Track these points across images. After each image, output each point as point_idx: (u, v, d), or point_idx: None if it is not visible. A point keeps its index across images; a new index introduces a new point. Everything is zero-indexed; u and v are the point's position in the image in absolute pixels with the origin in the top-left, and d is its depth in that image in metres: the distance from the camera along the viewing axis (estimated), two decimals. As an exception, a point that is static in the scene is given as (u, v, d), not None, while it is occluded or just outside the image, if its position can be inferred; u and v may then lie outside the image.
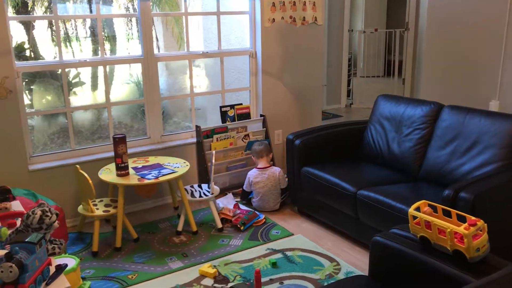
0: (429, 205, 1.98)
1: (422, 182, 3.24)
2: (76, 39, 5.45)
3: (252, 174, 3.83)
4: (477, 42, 4.90)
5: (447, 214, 1.95)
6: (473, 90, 4.97)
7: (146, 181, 3.18)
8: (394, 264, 2.00)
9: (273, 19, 4.21)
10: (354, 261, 3.05)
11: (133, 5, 5.02)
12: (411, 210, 1.95)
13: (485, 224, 1.81)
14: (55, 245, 2.01)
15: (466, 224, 1.78)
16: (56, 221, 1.90)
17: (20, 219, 2.21)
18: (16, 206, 2.40)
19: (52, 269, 1.76)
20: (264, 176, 3.78)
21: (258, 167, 3.86)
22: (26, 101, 3.66)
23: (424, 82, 5.40)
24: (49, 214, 1.87)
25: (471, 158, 3.00)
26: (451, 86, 5.11)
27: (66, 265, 1.80)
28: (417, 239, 1.95)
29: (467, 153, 3.04)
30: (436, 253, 1.86)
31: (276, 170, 3.83)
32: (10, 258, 1.57)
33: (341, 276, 2.87)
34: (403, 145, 3.41)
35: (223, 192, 4.08)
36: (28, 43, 4.86)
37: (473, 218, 1.81)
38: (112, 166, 3.40)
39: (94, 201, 3.35)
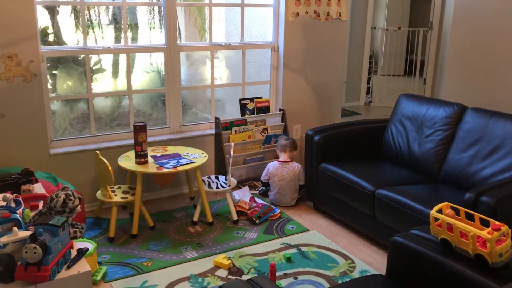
0: (452, 208, 1.96)
1: (441, 184, 3.20)
2: (99, 26, 5.48)
3: (272, 165, 3.86)
4: (502, 44, 4.82)
5: (470, 217, 1.92)
6: (496, 93, 4.89)
7: (164, 170, 3.19)
8: (413, 265, 1.98)
9: (297, 13, 4.18)
10: (369, 260, 3.04)
11: (157, -6, 5.03)
12: (433, 212, 1.93)
13: (510, 230, 1.78)
14: (77, 229, 2.03)
15: (489, 228, 1.76)
16: (79, 206, 1.92)
17: (42, 201, 2.24)
18: (38, 188, 2.43)
19: (74, 253, 1.79)
20: (283, 169, 3.78)
21: (279, 159, 3.87)
22: (48, 85, 3.69)
23: (446, 83, 5.33)
24: (72, 198, 1.89)
25: (493, 162, 2.96)
26: (474, 88, 5.04)
27: (87, 249, 1.82)
28: (438, 241, 1.93)
29: (490, 157, 3.00)
30: (457, 256, 1.84)
31: (296, 165, 3.82)
32: (34, 239, 1.59)
33: (355, 274, 2.86)
34: (424, 146, 3.38)
35: (238, 185, 4.09)
36: (52, 28, 4.89)
37: (497, 223, 1.78)
38: (131, 153, 3.43)
39: (113, 187, 3.38)
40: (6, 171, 2.85)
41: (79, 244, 2.67)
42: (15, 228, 1.69)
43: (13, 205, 1.98)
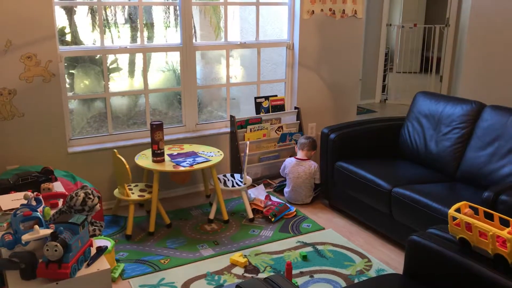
0: (470, 207, 1.94)
1: (459, 183, 3.17)
2: (115, 26, 5.52)
3: (289, 161, 3.88)
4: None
5: (489, 217, 1.90)
6: (514, 91, 4.82)
7: (181, 168, 3.22)
8: (431, 265, 1.97)
9: (313, 11, 4.17)
10: (386, 258, 3.03)
11: (172, -7, 5.06)
12: (452, 211, 1.91)
13: (530, 230, 1.76)
14: (96, 227, 2.06)
15: (509, 228, 1.74)
16: (98, 204, 1.94)
17: (61, 199, 2.27)
18: (57, 187, 2.47)
19: (93, 250, 1.81)
20: (299, 167, 3.79)
21: (296, 157, 3.87)
22: (66, 85, 3.74)
23: (463, 81, 5.26)
24: (91, 196, 1.92)
25: (513, 161, 2.92)
26: (491, 86, 4.97)
27: (106, 247, 1.85)
28: (456, 240, 1.91)
29: (508, 155, 2.96)
30: (476, 256, 1.82)
31: (313, 164, 3.82)
32: (55, 237, 1.62)
33: (372, 273, 2.85)
34: (441, 144, 3.35)
35: (253, 183, 4.10)
36: (70, 28, 4.95)
37: (517, 222, 1.76)
38: (148, 152, 3.46)
39: (130, 185, 3.42)
40: (27, 170, 2.90)
41: (97, 242, 2.71)
42: (36, 226, 1.72)
43: (33, 203, 2.01)
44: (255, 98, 4.24)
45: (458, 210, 1.92)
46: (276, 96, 4.33)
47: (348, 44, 4.45)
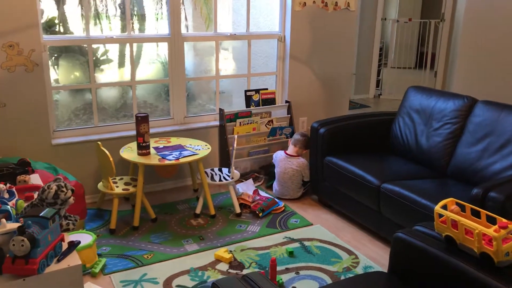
0: (457, 204, 1.88)
1: (449, 179, 3.12)
2: (106, 17, 5.44)
3: (279, 154, 3.83)
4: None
5: (476, 214, 1.85)
6: (509, 86, 4.76)
7: (166, 162, 3.15)
8: (416, 263, 1.91)
9: (305, 3, 4.09)
10: (373, 255, 2.97)
11: (163, -17, 4.97)
12: (438, 208, 1.85)
13: (517, 228, 1.70)
14: (70, 221, 1.99)
15: (496, 226, 1.68)
16: (72, 197, 1.87)
17: (38, 192, 2.20)
18: (35, 179, 2.39)
19: (65, 246, 1.74)
20: (287, 163, 3.72)
21: (286, 151, 3.81)
22: (54, 75, 3.65)
23: (457, 76, 5.20)
24: (64, 189, 1.84)
25: (504, 157, 2.87)
26: (486, 81, 4.91)
27: (79, 242, 1.78)
28: (442, 238, 1.85)
29: (500, 151, 2.90)
30: (461, 254, 1.77)
31: (302, 161, 3.75)
32: (22, 232, 1.55)
33: (359, 270, 2.79)
34: (432, 140, 3.29)
35: (241, 178, 4.03)
36: (58, 19, 4.86)
37: (504, 220, 1.70)
38: (134, 144, 3.39)
39: (114, 178, 3.35)
40: (3, 161, 2.82)
41: (76, 236, 2.64)
42: (3, 220, 1.64)
43: (6, 195, 1.94)
44: (245, 91, 4.17)
45: (444, 207, 1.86)
46: (266, 89, 4.26)
47: (341, 37, 4.38)
